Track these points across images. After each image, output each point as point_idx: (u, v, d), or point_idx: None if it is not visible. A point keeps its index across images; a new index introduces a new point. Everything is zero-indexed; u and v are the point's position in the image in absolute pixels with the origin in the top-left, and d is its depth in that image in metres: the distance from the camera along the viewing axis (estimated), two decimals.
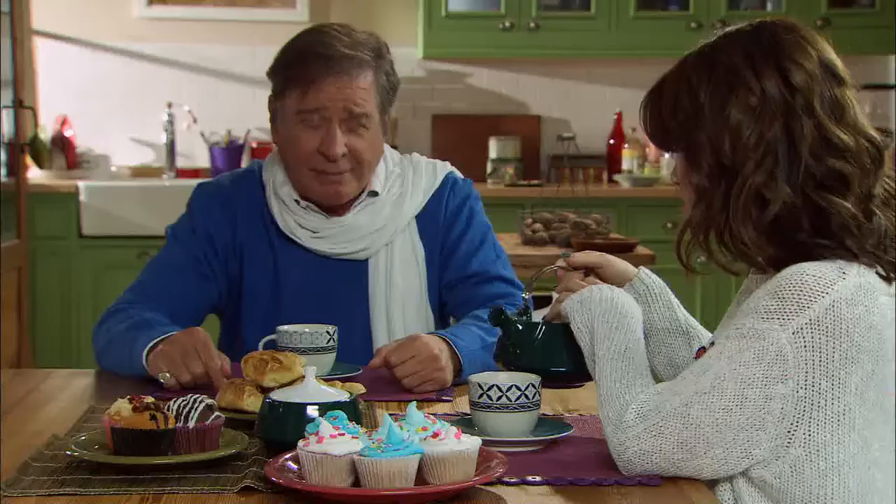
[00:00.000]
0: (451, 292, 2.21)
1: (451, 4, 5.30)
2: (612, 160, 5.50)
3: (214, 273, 2.19)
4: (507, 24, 5.28)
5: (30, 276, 4.84)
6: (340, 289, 2.18)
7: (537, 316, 1.71)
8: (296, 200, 2.18)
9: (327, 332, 1.97)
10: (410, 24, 5.43)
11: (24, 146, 4.86)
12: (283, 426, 1.52)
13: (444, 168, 2.28)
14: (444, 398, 1.89)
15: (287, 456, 1.44)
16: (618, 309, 1.57)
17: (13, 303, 4.60)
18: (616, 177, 5.41)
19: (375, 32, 2.20)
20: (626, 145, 5.46)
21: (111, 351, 2.06)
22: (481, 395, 1.59)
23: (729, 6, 5.37)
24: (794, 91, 1.51)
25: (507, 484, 1.43)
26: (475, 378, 1.62)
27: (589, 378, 1.61)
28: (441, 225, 2.22)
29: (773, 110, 1.51)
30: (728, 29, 1.60)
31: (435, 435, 1.38)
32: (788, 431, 1.45)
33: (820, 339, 1.43)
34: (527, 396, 1.59)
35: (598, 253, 1.78)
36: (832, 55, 1.56)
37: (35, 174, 5.08)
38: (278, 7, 5.43)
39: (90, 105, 5.36)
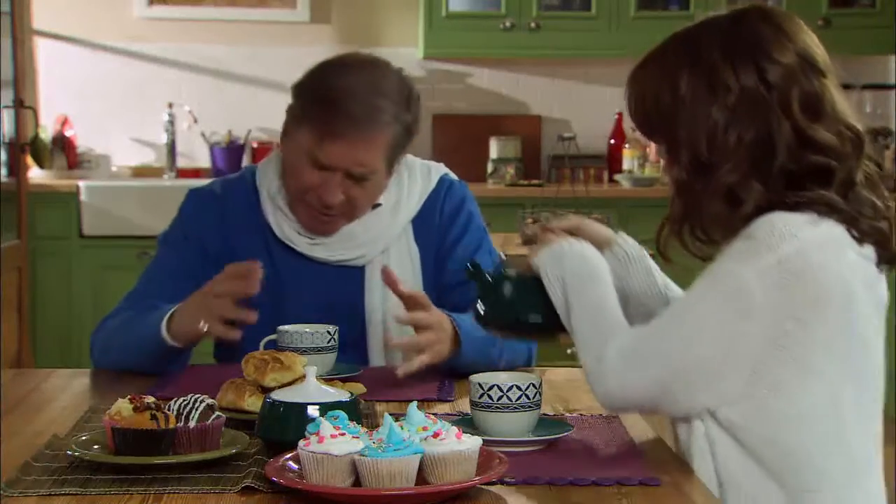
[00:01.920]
0: (448, 294, 2.20)
1: (452, 4, 5.30)
2: (612, 160, 5.50)
3: (207, 277, 2.17)
4: (508, 24, 5.28)
5: (30, 276, 4.84)
6: (337, 294, 2.17)
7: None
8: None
9: (328, 332, 1.97)
10: (411, 24, 5.43)
11: (25, 146, 4.86)
12: (284, 426, 1.52)
13: (439, 170, 2.26)
14: (445, 398, 1.89)
15: (288, 456, 1.44)
16: (588, 262, 1.61)
17: (13, 303, 4.60)
18: (616, 177, 5.41)
19: (408, 77, 2.14)
20: (626, 145, 5.46)
21: (114, 343, 2.06)
22: (482, 395, 1.59)
23: (728, 6, 5.36)
24: (772, 90, 1.52)
25: (508, 484, 1.43)
26: (476, 378, 1.62)
27: (562, 329, 1.64)
28: (437, 227, 2.22)
29: (751, 111, 1.52)
30: (709, 15, 1.61)
31: (435, 435, 1.38)
32: (755, 371, 1.48)
33: (786, 279, 1.46)
34: (527, 396, 1.59)
35: (577, 217, 1.80)
36: (811, 44, 1.57)
37: (36, 174, 5.08)
38: (279, 7, 5.43)
39: (91, 105, 5.36)
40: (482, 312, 1.71)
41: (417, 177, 2.23)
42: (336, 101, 2.04)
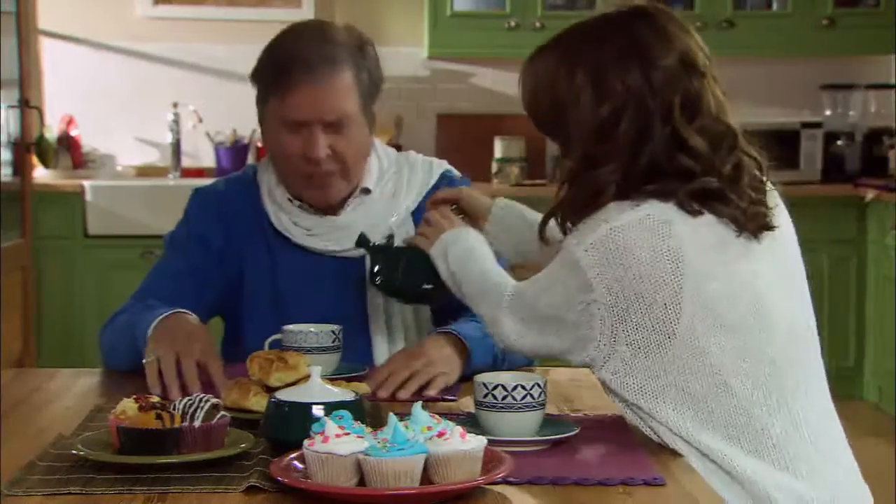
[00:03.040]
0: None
1: (457, 4, 5.30)
2: None
3: (212, 277, 2.18)
4: (512, 23, 5.28)
5: (35, 275, 4.84)
6: (338, 287, 2.17)
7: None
8: (289, 200, 2.18)
9: (332, 332, 1.97)
10: (416, 24, 5.43)
11: (30, 146, 4.87)
12: (289, 426, 1.52)
13: (441, 165, 2.27)
14: (448, 398, 1.89)
15: (292, 455, 1.44)
16: (467, 243, 1.82)
17: (18, 302, 4.60)
18: None
19: (356, 28, 2.19)
20: None
21: (116, 343, 2.07)
22: (486, 395, 1.59)
23: (734, 6, 5.36)
24: (655, 94, 1.62)
25: (512, 484, 1.43)
26: (480, 378, 1.62)
27: (447, 295, 1.86)
28: None
29: (635, 113, 1.61)
30: (598, 15, 1.72)
31: (440, 434, 1.38)
32: (612, 331, 1.60)
33: (607, 257, 1.58)
34: (532, 396, 1.59)
35: (457, 188, 2.03)
36: (692, 46, 1.65)
37: (41, 174, 5.09)
38: (283, 6, 5.44)
39: (96, 105, 5.36)
40: (377, 281, 1.94)
41: (418, 170, 2.24)
42: (288, 59, 2.10)
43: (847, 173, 5.34)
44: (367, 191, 2.19)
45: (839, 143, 5.41)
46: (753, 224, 1.63)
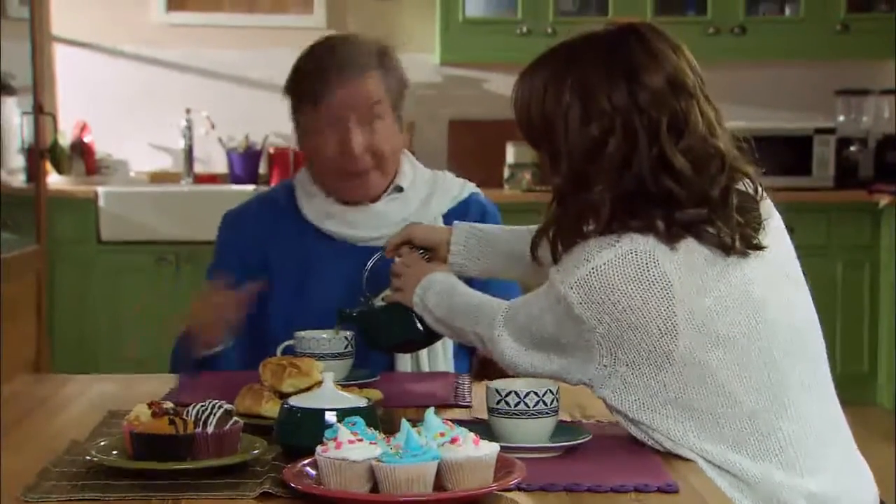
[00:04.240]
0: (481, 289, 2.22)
1: (469, 10, 5.30)
2: None
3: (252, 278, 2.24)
4: (524, 29, 5.29)
5: (48, 281, 4.86)
6: (368, 279, 2.20)
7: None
8: (325, 195, 2.25)
9: (345, 338, 1.97)
10: (427, 30, 5.44)
11: (44, 152, 4.89)
12: (302, 432, 1.53)
13: (471, 187, 2.36)
14: (462, 404, 1.89)
15: (305, 461, 1.45)
16: (439, 284, 1.83)
17: (32, 308, 4.62)
18: None
19: (380, 38, 2.27)
20: None
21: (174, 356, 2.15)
22: (499, 402, 1.59)
23: (747, 11, 5.36)
24: (642, 114, 1.60)
25: (525, 490, 1.43)
26: (492, 384, 1.62)
27: (436, 337, 1.90)
28: None
29: (622, 133, 1.60)
30: (590, 32, 1.70)
31: (453, 441, 1.38)
32: (612, 353, 1.59)
33: (591, 295, 1.57)
34: (545, 403, 1.59)
35: (406, 226, 2.04)
36: (682, 66, 1.64)
37: (54, 180, 5.11)
38: (295, 13, 5.45)
39: (109, 111, 5.38)
40: (372, 343, 1.96)
41: (451, 184, 2.32)
42: (317, 69, 2.19)
43: (860, 179, 5.32)
44: (400, 189, 2.27)
45: (852, 148, 5.39)
46: (742, 245, 1.61)
